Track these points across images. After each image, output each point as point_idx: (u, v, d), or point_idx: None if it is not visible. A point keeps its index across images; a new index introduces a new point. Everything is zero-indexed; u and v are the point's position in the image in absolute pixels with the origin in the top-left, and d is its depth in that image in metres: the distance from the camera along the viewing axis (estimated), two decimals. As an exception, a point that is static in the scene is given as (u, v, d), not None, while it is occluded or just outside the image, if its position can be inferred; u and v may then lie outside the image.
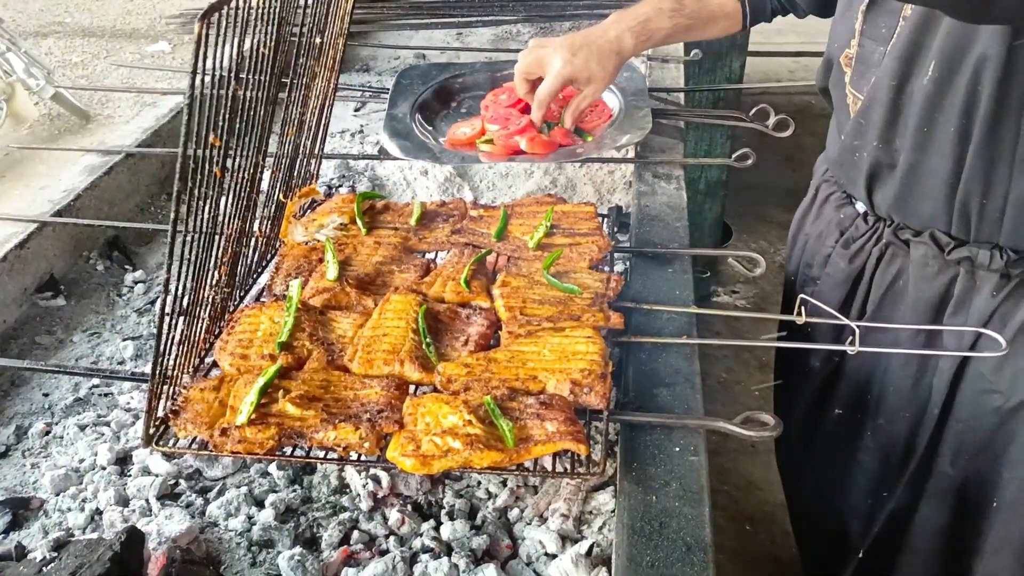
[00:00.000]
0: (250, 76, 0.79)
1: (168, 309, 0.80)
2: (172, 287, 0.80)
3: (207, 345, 0.99)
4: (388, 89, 1.71)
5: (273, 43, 0.82)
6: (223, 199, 0.86)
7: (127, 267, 1.36)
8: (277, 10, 0.81)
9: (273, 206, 1.12)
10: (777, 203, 3.83)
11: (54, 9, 7.79)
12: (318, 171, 1.32)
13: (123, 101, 5.63)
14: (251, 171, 0.91)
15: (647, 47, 1.35)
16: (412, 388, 0.95)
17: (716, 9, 1.36)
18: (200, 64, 0.67)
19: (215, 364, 0.98)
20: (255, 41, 0.80)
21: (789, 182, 3.51)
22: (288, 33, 0.88)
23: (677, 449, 0.88)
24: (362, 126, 1.83)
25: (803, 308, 1.03)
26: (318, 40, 1.01)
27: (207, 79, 0.73)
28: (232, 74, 0.75)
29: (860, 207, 1.22)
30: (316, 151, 1.25)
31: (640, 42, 1.30)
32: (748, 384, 2.90)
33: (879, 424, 1.22)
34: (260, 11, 0.77)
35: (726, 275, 3.61)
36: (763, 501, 2.52)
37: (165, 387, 0.89)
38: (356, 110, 1.88)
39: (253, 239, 1.07)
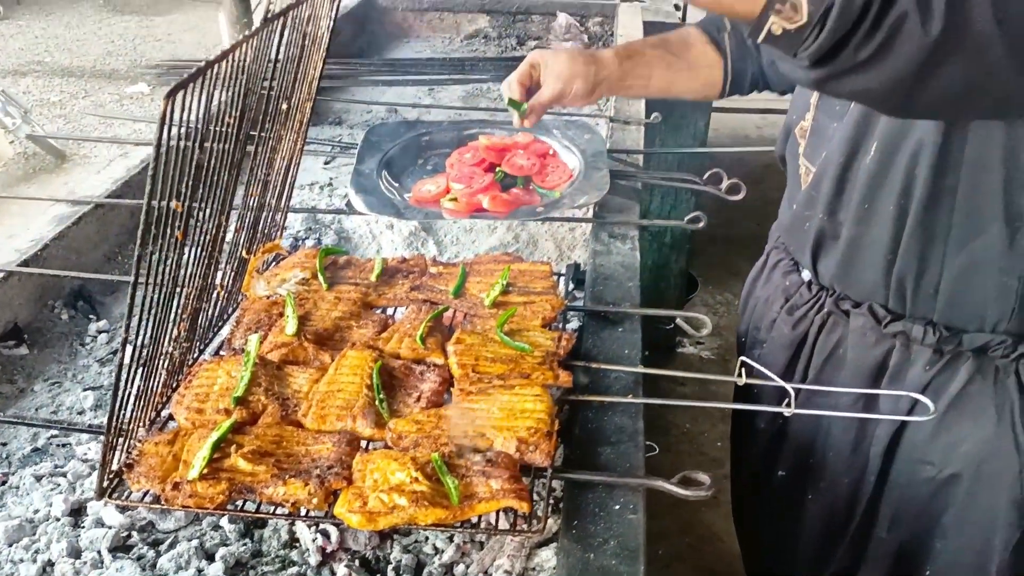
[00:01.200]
0: (214, 144, 0.83)
1: (124, 366, 0.82)
2: (128, 346, 0.83)
3: (164, 398, 1.01)
4: (357, 144, 1.76)
5: (239, 112, 0.86)
6: (185, 258, 0.89)
7: (91, 316, 1.38)
8: (243, 81, 0.85)
9: (236, 261, 1.15)
10: (743, 255, 3.91)
11: (34, 48, 7.83)
12: (283, 226, 1.35)
13: (99, 140, 5.61)
14: (214, 231, 0.94)
15: (630, 68, 1.33)
16: (365, 444, 0.98)
17: (700, 56, 1.37)
18: (165, 139, 0.70)
19: (172, 417, 1.01)
20: (220, 110, 0.84)
21: (755, 235, 3.60)
22: (253, 101, 0.92)
23: (617, 507, 0.91)
24: (331, 179, 1.87)
25: (743, 370, 1.08)
26: (284, 106, 1.05)
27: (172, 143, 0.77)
28: (196, 143, 0.79)
29: (805, 275, 1.26)
30: (281, 208, 1.29)
31: (621, 57, 1.31)
32: (711, 434, 2.94)
33: (821, 487, 1.25)
34: (226, 84, 0.81)
35: (692, 325, 3.68)
36: (725, 553, 2.54)
37: (120, 440, 0.91)
38: (326, 163, 1.93)
39: (215, 293, 1.10)
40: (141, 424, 0.96)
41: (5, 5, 8.44)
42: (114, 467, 0.91)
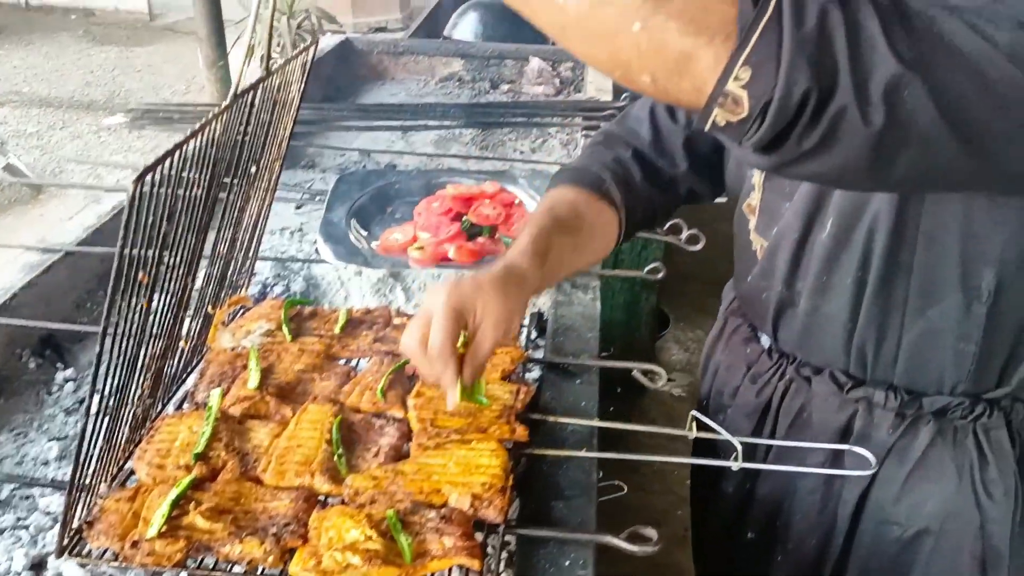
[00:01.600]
0: (182, 215, 0.86)
1: (87, 433, 0.84)
2: (92, 410, 0.85)
3: (127, 453, 1.03)
4: (328, 190, 1.80)
5: (206, 182, 0.90)
6: (150, 321, 0.92)
7: (59, 365, 1.39)
8: (212, 154, 0.89)
9: (202, 315, 1.18)
10: (714, 293, 3.98)
11: (12, 78, 7.82)
12: (250, 279, 1.38)
13: (75, 174, 5.62)
14: (179, 293, 0.97)
15: (549, 272, 1.12)
16: (323, 499, 1.01)
17: (595, 222, 1.23)
18: (133, 223, 0.73)
19: (133, 472, 1.03)
20: (188, 180, 0.87)
21: (726, 273, 3.66)
22: (222, 169, 0.96)
23: (567, 563, 0.94)
24: (302, 224, 1.90)
25: (694, 424, 1.11)
26: (254, 169, 1.08)
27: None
28: (163, 216, 0.82)
29: (766, 342, 1.28)
30: (249, 259, 1.32)
31: (537, 264, 1.08)
32: (681, 472, 2.96)
33: (789, 548, 1.27)
34: (195, 161, 0.84)
35: (664, 363, 3.72)
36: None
37: (82, 496, 0.93)
38: (298, 207, 1.96)
39: (179, 348, 1.12)
40: (103, 480, 0.98)
41: (-16, 35, 8.44)
42: (75, 524, 0.92)
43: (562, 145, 2.42)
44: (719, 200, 1.41)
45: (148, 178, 0.73)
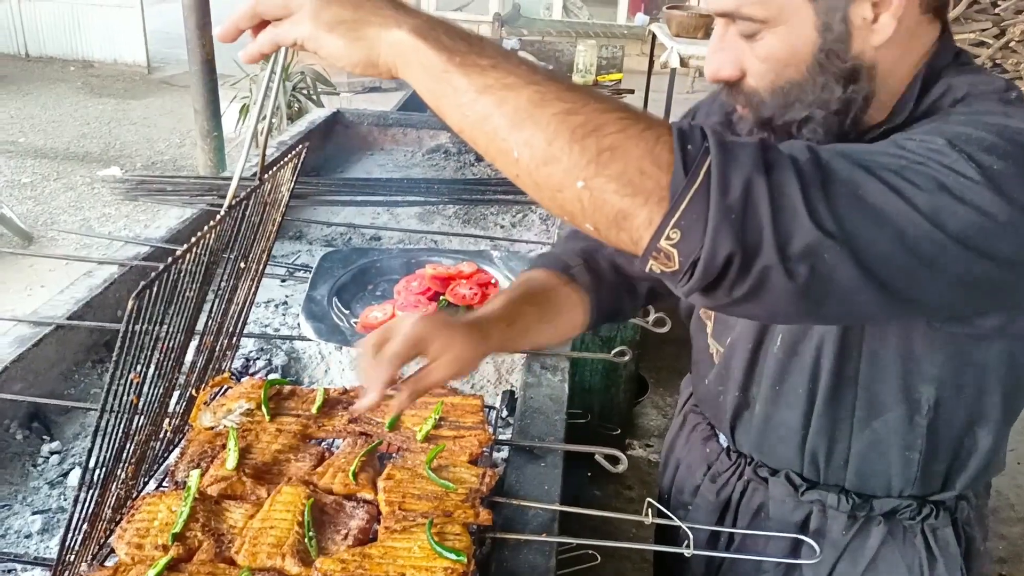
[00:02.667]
0: (174, 317, 0.93)
1: (73, 524, 0.90)
2: (80, 497, 0.91)
3: (107, 532, 1.08)
4: (313, 264, 1.88)
5: (197, 285, 0.97)
6: (136, 416, 0.98)
7: (45, 437, 1.45)
8: (205, 261, 0.96)
9: (186, 398, 1.24)
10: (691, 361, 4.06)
11: (8, 128, 7.94)
12: (234, 355, 1.45)
13: (66, 224, 5.66)
14: (166, 385, 1.03)
15: (514, 336, 1.19)
16: (293, 579, 1.06)
17: (563, 300, 1.29)
18: (129, 332, 0.80)
19: (113, 550, 1.08)
20: (181, 285, 0.94)
21: (702, 341, 3.74)
22: (213, 271, 1.03)
23: (523, 648, 0.99)
24: (287, 297, 1.97)
25: (650, 511, 1.17)
26: (243, 264, 1.16)
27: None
28: (157, 320, 0.88)
29: (724, 442, 1.33)
30: (233, 341, 1.39)
31: (504, 324, 1.17)
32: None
33: None
34: (189, 269, 0.91)
35: (641, 428, 3.78)
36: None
37: (65, 575, 0.98)
38: (283, 280, 2.03)
39: (163, 430, 1.18)
40: (84, 559, 1.03)
41: (-17, 84, 8.58)
42: (54, 603, 0.97)
43: (541, 220, 2.51)
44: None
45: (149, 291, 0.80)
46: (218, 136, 2.61)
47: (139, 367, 0.88)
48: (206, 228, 0.90)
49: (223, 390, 1.40)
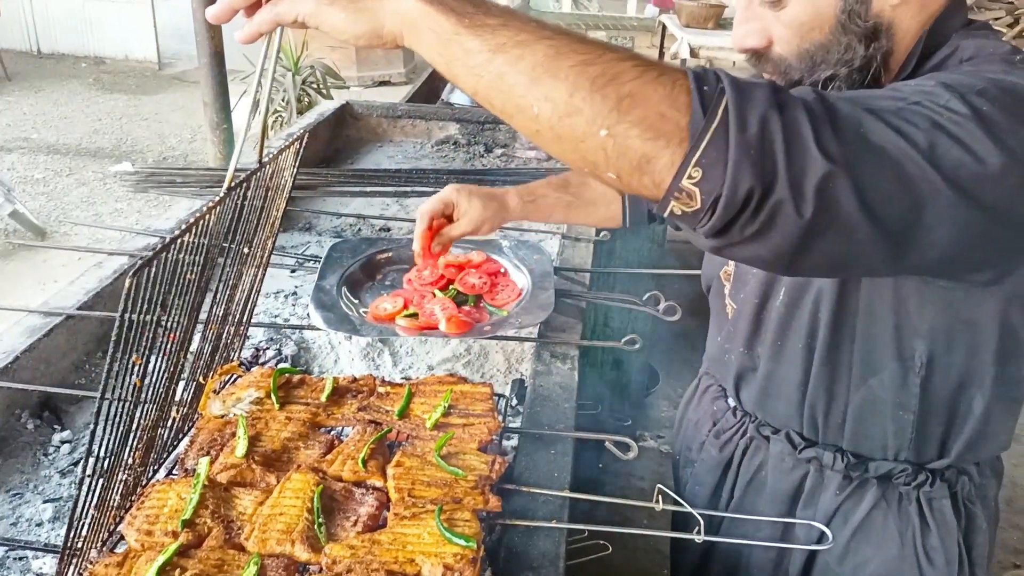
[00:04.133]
0: (175, 300, 0.93)
1: (80, 501, 0.90)
2: (85, 479, 0.91)
3: (117, 519, 1.08)
4: (322, 255, 1.87)
5: (199, 269, 0.97)
6: (142, 399, 0.98)
7: (56, 426, 1.45)
8: (206, 244, 0.96)
9: (193, 386, 1.24)
10: (702, 351, 4.05)
11: (21, 124, 7.99)
12: (243, 344, 1.44)
13: (78, 219, 5.69)
14: (171, 369, 1.03)
15: (531, 211, 1.54)
16: (303, 568, 1.05)
17: (599, 195, 1.55)
18: (128, 311, 0.80)
19: (123, 536, 1.08)
20: (182, 268, 0.94)
21: (714, 332, 3.73)
22: (215, 255, 1.02)
23: (532, 633, 0.98)
24: (296, 287, 1.97)
25: (660, 497, 1.17)
26: (246, 250, 1.15)
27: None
28: (158, 301, 0.88)
29: (731, 401, 1.37)
30: (242, 328, 1.39)
31: (524, 202, 1.51)
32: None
33: None
34: (188, 249, 0.91)
35: (653, 419, 3.76)
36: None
37: (74, 561, 0.98)
38: (292, 271, 2.03)
39: (171, 417, 1.18)
40: (94, 545, 1.03)
41: (-4, 81, 8.63)
42: (65, 589, 0.97)
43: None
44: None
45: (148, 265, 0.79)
46: (228, 128, 2.61)
47: (141, 350, 0.87)
48: (205, 209, 0.90)
49: (232, 379, 1.40)
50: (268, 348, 1.73)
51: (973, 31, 0.99)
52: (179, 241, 0.87)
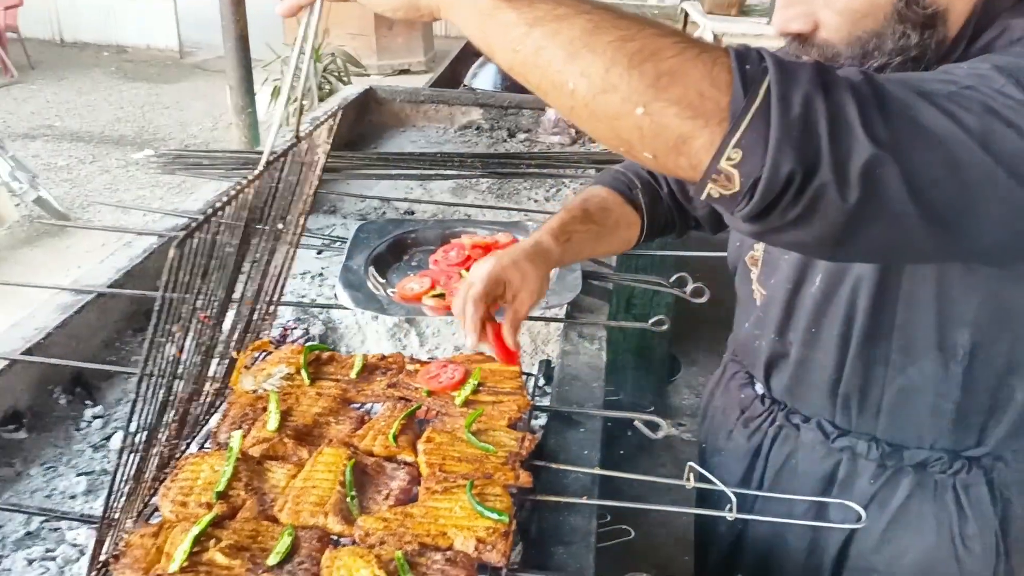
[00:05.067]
0: (214, 272, 0.93)
1: (118, 472, 0.91)
2: (124, 454, 0.92)
3: (152, 491, 1.09)
4: (348, 237, 1.88)
5: (237, 242, 0.97)
6: (180, 366, 0.98)
7: (88, 402, 1.46)
8: (245, 216, 0.96)
9: (226, 361, 1.25)
10: (725, 339, 4.03)
11: (45, 112, 8.07)
12: (272, 323, 1.45)
13: (103, 209, 5.73)
14: (208, 343, 1.04)
15: (568, 251, 1.35)
16: (336, 539, 1.06)
17: (620, 219, 1.43)
18: (171, 283, 0.80)
19: (157, 508, 1.09)
20: (221, 241, 0.94)
21: (736, 320, 3.71)
22: (252, 229, 1.03)
23: (565, 607, 0.98)
24: (323, 269, 1.98)
25: (691, 475, 1.16)
26: (280, 225, 1.16)
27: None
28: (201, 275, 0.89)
29: (759, 389, 1.34)
30: (272, 308, 1.39)
31: (561, 244, 1.32)
32: (689, 516, 2.98)
33: None
34: (227, 224, 0.92)
35: (675, 407, 3.75)
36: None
37: (110, 531, 0.99)
38: (319, 252, 2.04)
39: (203, 394, 1.19)
40: (129, 516, 1.04)
41: (19, 69, 8.72)
42: (102, 558, 0.98)
43: (575, 194, 2.49)
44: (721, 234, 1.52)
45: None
46: (252, 112, 2.62)
47: (183, 321, 0.88)
48: (245, 181, 0.90)
49: (263, 355, 1.40)
50: (296, 328, 1.74)
51: (1023, 10, 0.96)
52: (219, 213, 0.87)
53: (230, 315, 1.23)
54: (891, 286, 1.06)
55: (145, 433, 0.97)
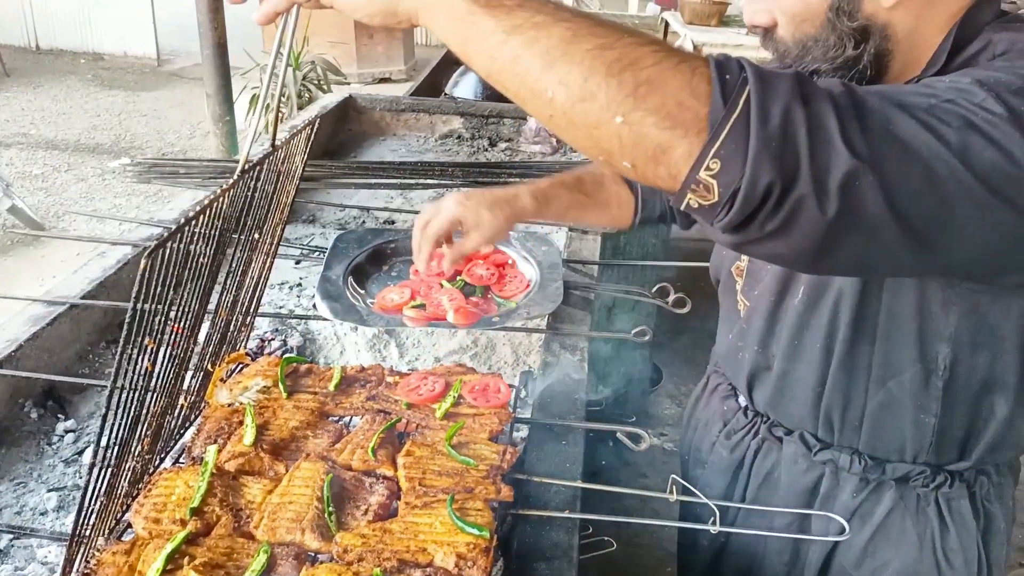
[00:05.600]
0: (188, 283, 0.91)
1: (89, 490, 0.88)
2: (94, 466, 0.89)
3: (124, 507, 1.07)
4: (327, 246, 1.86)
5: (211, 253, 0.95)
6: (152, 379, 0.96)
7: (60, 416, 1.43)
8: (219, 226, 0.94)
9: (201, 373, 1.22)
10: (707, 349, 4.04)
11: (20, 120, 7.96)
12: (249, 334, 1.43)
13: (78, 218, 5.65)
14: (181, 356, 1.01)
15: (545, 212, 1.39)
16: (313, 556, 1.04)
17: (612, 196, 1.46)
18: (142, 294, 0.78)
19: (130, 525, 1.06)
20: (194, 252, 0.92)
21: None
22: (227, 239, 1.01)
23: (547, 623, 0.97)
24: (301, 279, 1.95)
25: (674, 488, 1.15)
26: (257, 235, 1.14)
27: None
28: (170, 285, 0.87)
29: (742, 401, 1.33)
30: (248, 317, 1.37)
31: (538, 203, 1.36)
32: (671, 529, 2.98)
33: None
34: (202, 233, 0.90)
35: (656, 417, 3.75)
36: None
37: (81, 549, 0.97)
38: (297, 263, 2.01)
39: (178, 405, 1.16)
40: (101, 533, 1.01)
41: (-6, 77, 8.59)
42: (71, 577, 0.96)
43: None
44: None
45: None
46: (231, 120, 2.59)
47: (154, 333, 0.86)
48: (219, 191, 0.89)
49: (239, 367, 1.38)
50: (273, 339, 1.71)
51: (1006, 24, 0.96)
52: (192, 223, 0.85)
53: (206, 327, 1.21)
54: (872, 300, 1.06)
55: (116, 448, 0.95)
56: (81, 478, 1.31)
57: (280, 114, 5.60)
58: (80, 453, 1.36)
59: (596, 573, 1.54)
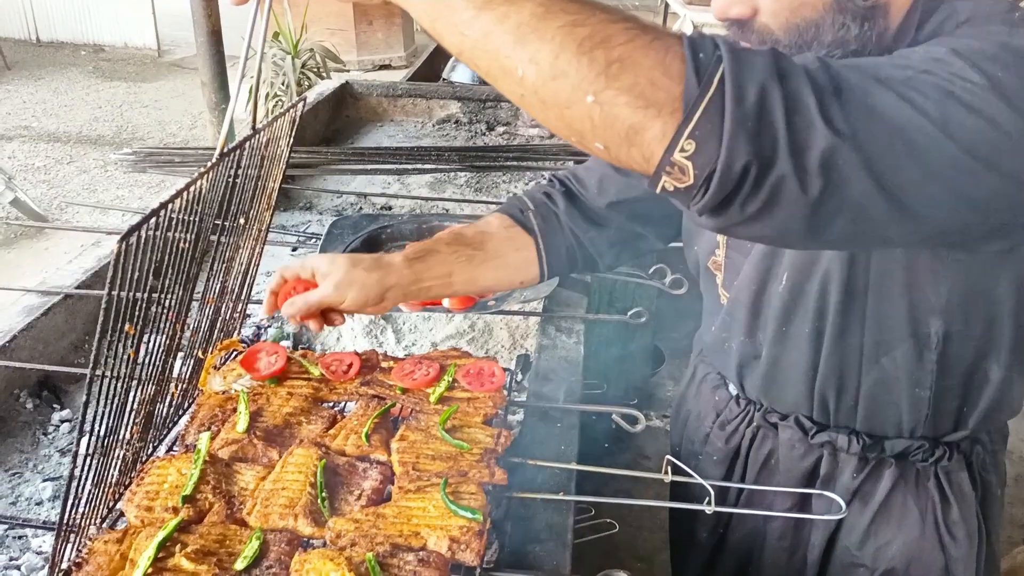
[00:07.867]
0: (169, 268, 0.90)
1: (75, 476, 0.88)
2: (80, 453, 0.89)
3: (116, 495, 1.07)
4: (323, 232, 1.85)
5: (193, 236, 0.94)
6: (139, 372, 0.96)
7: (55, 406, 1.43)
8: (199, 210, 0.93)
9: (193, 359, 1.22)
10: (709, 330, 4.02)
11: (21, 113, 7.95)
12: (244, 317, 1.42)
13: (80, 210, 5.66)
14: (168, 342, 1.01)
15: (423, 270, 1.20)
16: (306, 542, 1.04)
17: (503, 242, 1.28)
18: (118, 280, 0.77)
19: (123, 513, 1.06)
20: (175, 236, 0.91)
21: (719, 311, 3.70)
22: (209, 223, 1.00)
23: (540, 605, 0.97)
24: (297, 266, 1.94)
25: (670, 468, 1.15)
26: (242, 220, 1.13)
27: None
28: (150, 270, 0.86)
29: (732, 390, 1.31)
30: (242, 303, 1.36)
31: (410, 260, 1.19)
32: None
33: None
34: (181, 218, 0.89)
35: (659, 399, 3.74)
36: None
37: (72, 537, 0.97)
38: (293, 250, 2.01)
39: (170, 392, 1.16)
40: (93, 521, 1.01)
41: (-5, 70, 8.59)
42: (63, 566, 0.95)
43: (554, 187, 2.47)
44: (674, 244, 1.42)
45: (136, 234, 0.77)
46: (227, 108, 2.57)
47: (135, 320, 0.85)
48: (197, 173, 0.88)
49: (232, 355, 1.37)
50: (270, 326, 1.71)
51: None
52: (170, 207, 0.84)
53: (195, 314, 1.20)
54: (860, 279, 1.05)
55: (105, 435, 0.95)
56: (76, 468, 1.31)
57: (280, 102, 5.58)
58: (76, 443, 1.36)
59: (597, 555, 1.53)
